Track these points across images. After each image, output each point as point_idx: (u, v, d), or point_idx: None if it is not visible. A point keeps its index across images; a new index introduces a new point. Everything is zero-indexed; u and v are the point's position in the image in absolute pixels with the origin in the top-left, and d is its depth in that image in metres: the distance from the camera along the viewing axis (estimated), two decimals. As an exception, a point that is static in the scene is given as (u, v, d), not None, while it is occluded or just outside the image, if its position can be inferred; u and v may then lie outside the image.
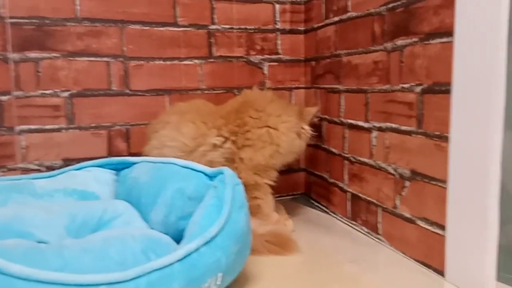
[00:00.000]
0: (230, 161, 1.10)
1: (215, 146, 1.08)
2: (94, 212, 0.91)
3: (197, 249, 0.70)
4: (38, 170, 1.21)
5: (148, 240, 0.76)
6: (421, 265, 0.92)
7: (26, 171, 1.20)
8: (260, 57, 1.41)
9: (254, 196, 1.12)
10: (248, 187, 1.09)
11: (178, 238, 0.82)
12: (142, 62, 1.28)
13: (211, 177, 0.89)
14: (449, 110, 0.82)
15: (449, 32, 0.81)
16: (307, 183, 1.51)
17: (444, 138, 0.84)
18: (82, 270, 0.63)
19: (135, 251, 0.72)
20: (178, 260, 0.67)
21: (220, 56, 1.37)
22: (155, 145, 1.10)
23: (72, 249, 0.69)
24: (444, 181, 0.84)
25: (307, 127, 1.18)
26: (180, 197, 0.89)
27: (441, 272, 0.87)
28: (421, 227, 0.92)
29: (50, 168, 1.21)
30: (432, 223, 0.89)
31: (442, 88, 0.84)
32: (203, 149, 1.07)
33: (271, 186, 1.19)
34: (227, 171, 0.85)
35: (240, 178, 1.02)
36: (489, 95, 0.74)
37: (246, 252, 0.83)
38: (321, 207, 1.38)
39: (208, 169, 0.91)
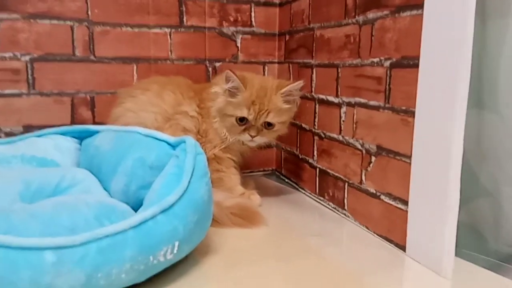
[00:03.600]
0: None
1: (186, 114, 1.12)
2: (51, 179, 0.88)
3: (153, 217, 0.68)
4: (-3, 136, 1.16)
5: (103, 207, 0.73)
6: (384, 240, 0.92)
7: (-16, 136, 1.15)
8: (233, 28, 1.38)
9: (216, 169, 1.12)
10: (209, 160, 1.09)
11: (138, 208, 0.80)
12: (108, 28, 1.24)
13: (173, 146, 0.87)
14: (416, 84, 0.81)
15: (418, 5, 0.79)
16: (278, 159, 1.50)
17: (410, 113, 0.83)
18: (29, 234, 0.60)
19: (87, 218, 0.69)
20: (132, 227, 0.65)
21: (192, 26, 1.33)
22: (130, 108, 1.12)
23: (20, 213, 0.66)
24: (408, 156, 0.84)
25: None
26: (141, 166, 0.87)
27: (402, 247, 0.87)
28: (385, 202, 0.92)
29: (9, 135, 1.17)
30: (395, 198, 0.89)
31: (410, 62, 0.83)
32: (178, 116, 1.12)
33: (238, 161, 1.18)
34: (189, 140, 0.83)
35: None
36: (455, 70, 0.73)
37: (206, 222, 0.81)
38: (291, 183, 1.37)
39: (171, 138, 0.89)
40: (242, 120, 1.07)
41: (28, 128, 1.19)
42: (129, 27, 1.26)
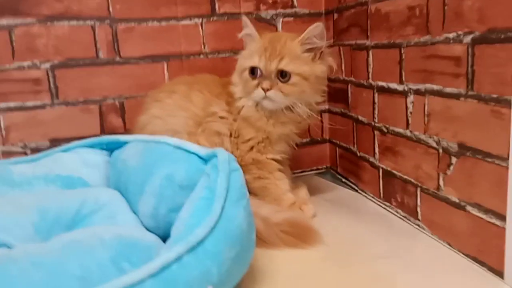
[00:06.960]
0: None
1: (216, 115, 1.00)
2: (70, 205, 0.78)
3: (178, 259, 0.55)
4: (23, 153, 1.09)
5: (121, 244, 0.61)
6: (473, 262, 0.75)
7: (9, 154, 1.08)
8: (273, 12, 1.22)
9: (257, 176, 0.98)
10: (248, 166, 0.97)
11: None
12: (133, 24, 1.13)
13: (205, 160, 0.73)
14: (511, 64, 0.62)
15: (514, -45, 0.60)
16: (332, 156, 1.33)
17: (504, 102, 0.65)
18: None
19: (102, 262, 0.57)
20: (151, 276, 0.52)
21: (225, 13, 1.19)
22: (157, 114, 1.01)
23: (22, 262, 0.55)
24: (504, 159, 0.66)
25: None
26: (170, 186, 0.74)
27: (499, 272, 0.70)
28: (473, 215, 0.74)
29: (36, 150, 1.09)
30: (487, 211, 0.70)
31: (501, 36, 0.64)
32: (209, 119, 0.99)
33: (284, 162, 1.04)
34: (221, 154, 0.68)
35: (237, 156, 0.92)
36: None
37: (247, 255, 0.67)
38: (350, 184, 1.20)
39: (202, 151, 0.75)
40: (253, 72, 0.94)
41: (55, 142, 1.10)
42: (155, 21, 1.14)
